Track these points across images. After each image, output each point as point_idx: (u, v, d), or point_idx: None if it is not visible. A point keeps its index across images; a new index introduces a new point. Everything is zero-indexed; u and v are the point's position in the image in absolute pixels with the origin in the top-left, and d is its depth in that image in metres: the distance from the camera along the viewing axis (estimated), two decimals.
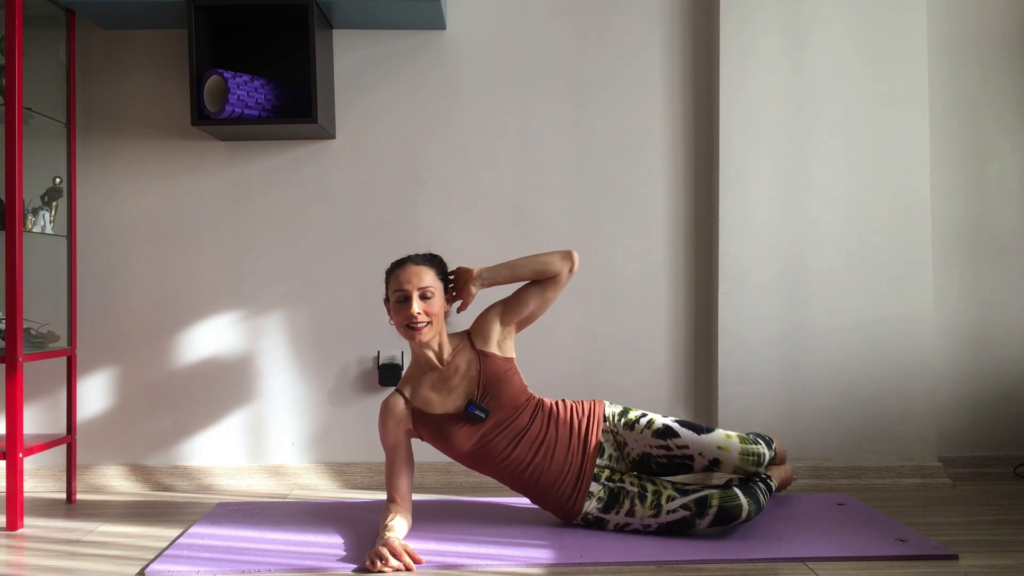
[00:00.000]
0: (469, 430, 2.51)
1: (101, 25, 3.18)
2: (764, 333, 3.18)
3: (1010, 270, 3.35)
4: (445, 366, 2.55)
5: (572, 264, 2.55)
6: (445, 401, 2.54)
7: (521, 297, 2.59)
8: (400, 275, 2.50)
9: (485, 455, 2.54)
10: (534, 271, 2.55)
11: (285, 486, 3.22)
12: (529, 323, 2.62)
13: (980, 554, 2.32)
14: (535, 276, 2.56)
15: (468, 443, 2.52)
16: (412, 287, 2.47)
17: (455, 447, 2.53)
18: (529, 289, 2.58)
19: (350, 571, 2.23)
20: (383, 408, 2.56)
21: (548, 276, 2.55)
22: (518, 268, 2.56)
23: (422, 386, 2.56)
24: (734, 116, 3.19)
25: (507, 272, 2.57)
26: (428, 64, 3.27)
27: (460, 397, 2.53)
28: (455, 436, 2.52)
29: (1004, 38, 3.35)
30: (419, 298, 2.47)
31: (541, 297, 2.58)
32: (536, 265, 2.55)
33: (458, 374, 2.55)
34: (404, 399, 2.56)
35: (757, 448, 2.51)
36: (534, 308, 2.59)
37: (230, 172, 3.26)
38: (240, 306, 3.25)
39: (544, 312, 2.61)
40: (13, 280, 2.72)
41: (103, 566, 2.32)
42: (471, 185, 3.27)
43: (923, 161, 3.20)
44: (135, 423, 3.24)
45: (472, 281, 2.56)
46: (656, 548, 2.37)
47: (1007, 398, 3.34)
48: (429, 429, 2.55)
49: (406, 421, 2.55)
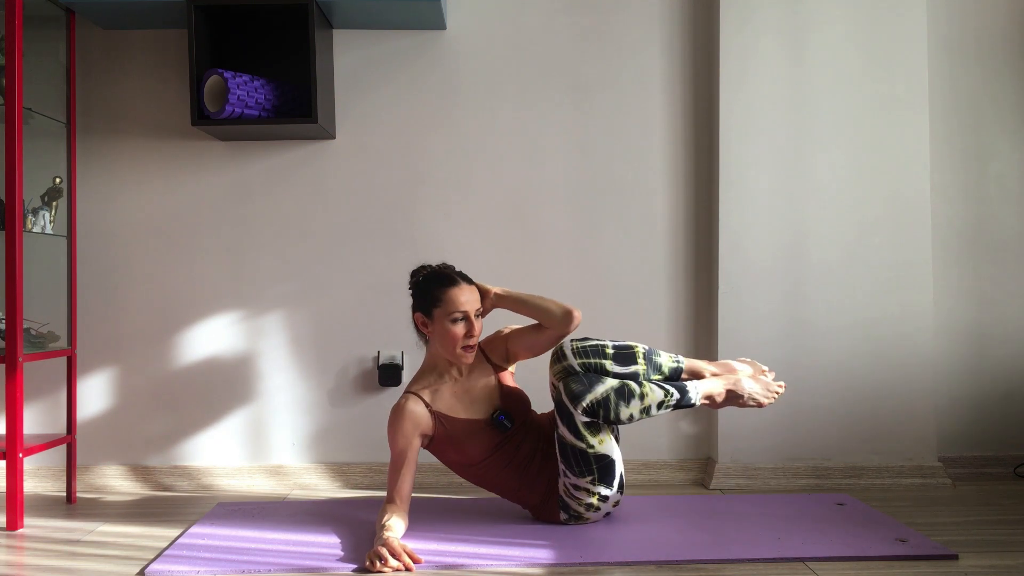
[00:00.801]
0: (489, 437, 2.58)
1: (101, 25, 3.18)
2: (764, 333, 3.18)
3: (1010, 270, 3.35)
4: (465, 377, 2.65)
5: (569, 326, 2.61)
6: (468, 408, 2.61)
7: (522, 338, 2.69)
8: (460, 295, 2.57)
9: (493, 464, 2.60)
10: (536, 313, 2.64)
11: (285, 486, 3.23)
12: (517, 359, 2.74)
13: (980, 554, 2.32)
14: (535, 317, 2.65)
15: (484, 451, 2.58)
16: (471, 308, 2.57)
17: (471, 454, 2.59)
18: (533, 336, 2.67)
19: (350, 571, 2.23)
20: (401, 411, 2.56)
21: (545, 325, 2.63)
22: (523, 304, 2.66)
23: (442, 393, 2.62)
24: (734, 116, 3.19)
25: (513, 303, 2.68)
26: (428, 64, 3.27)
27: (483, 406, 2.62)
28: (474, 442, 2.58)
29: (1004, 38, 3.35)
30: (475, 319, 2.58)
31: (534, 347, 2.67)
32: (539, 310, 2.64)
33: (478, 385, 2.64)
34: (424, 403, 2.58)
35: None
36: (523, 350, 2.69)
37: (230, 172, 3.26)
38: (240, 306, 3.25)
39: (529, 358, 2.73)
40: (13, 280, 2.72)
41: (103, 566, 2.32)
42: (471, 185, 3.27)
43: (923, 161, 3.20)
44: (135, 423, 3.24)
45: (488, 297, 2.68)
46: (656, 548, 2.37)
47: (1007, 398, 3.34)
48: (448, 434, 2.58)
49: (425, 426, 2.57)
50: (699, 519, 2.70)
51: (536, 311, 2.64)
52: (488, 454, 2.59)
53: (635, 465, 3.23)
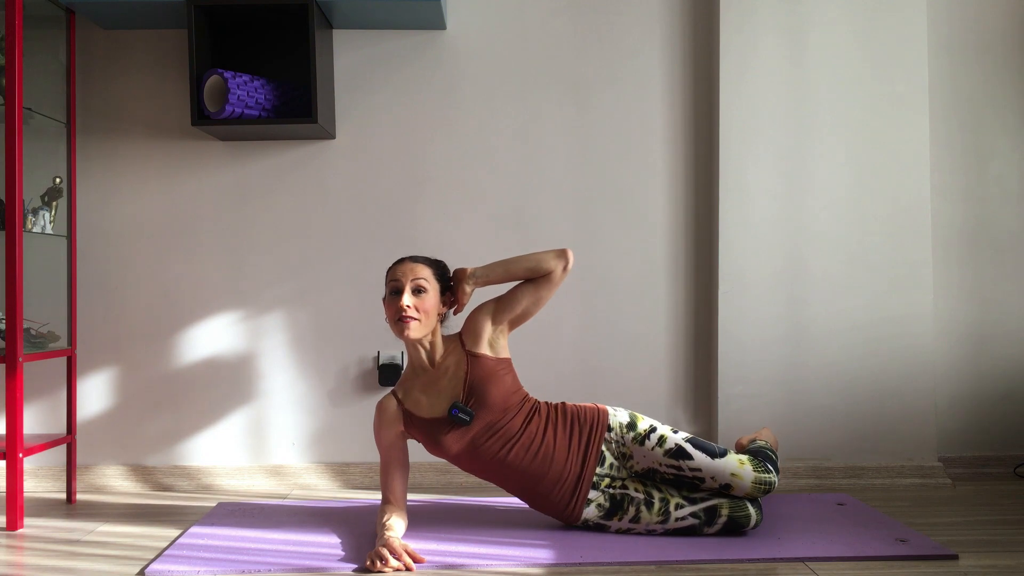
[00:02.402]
0: (457, 433, 2.49)
1: (101, 25, 3.18)
2: (764, 333, 3.18)
3: (1010, 270, 3.35)
4: (436, 367, 2.54)
5: (566, 262, 2.53)
6: (433, 404, 2.52)
7: (514, 295, 2.57)
8: (396, 269, 2.51)
9: (476, 458, 2.52)
10: (528, 269, 2.54)
11: (285, 486, 3.23)
12: (522, 322, 2.60)
13: (980, 554, 2.32)
14: (528, 274, 2.54)
15: (457, 446, 2.50)
16: (406, 280, 2.47)
17: (445, 450, 2.52)
18: (522, 287, 2.56)
19: (350, 571, 2.23)
20: (376, 409, 2.56)
21: (541, 274, 2.53)
22: (511, 266, 2.55)
23: (414, 388, 2.55)
24: (734, 116, 3.19)
25: (500, 271, 2.56)
26: (428, 64, 3.27)
27: (447, 399, 2.51)
28: (444, 439, 2.50)
29: (1004, 38, 3.35)
30: (411, 292, 2.47)
31: (534, 295, 2.55)
32: (529, 263, 2.54)
33: (446, 376, 2.53)
34: (397, 400, 2.56)
35: (769, 477, 2.47)
36: (527, 306, 2.56)
37: (230, 172, 3.26)
38: (240, 306, 3.25)
39: (537, 311, 2.59)
40: (13, 280, 2.72)
41: (103, 566, 2.32)
42: (471, 185, 3.27)
43: (923, 161, 3.20)
44: (135, 423, 3.24)
45: (466, 280, 2.55)
46: (656, 548, 2.37)
47: (1007, 398, 3.34)
48: (419, 432, 2.54)
49: (397, 423, 2.54)
50: None
51: (528, 267, 2.53)
52: (467, 447, 2.50)
53: None
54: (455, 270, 2.59)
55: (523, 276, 2.55)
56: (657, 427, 2.54)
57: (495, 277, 2.56)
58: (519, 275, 2.55)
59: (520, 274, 2.55)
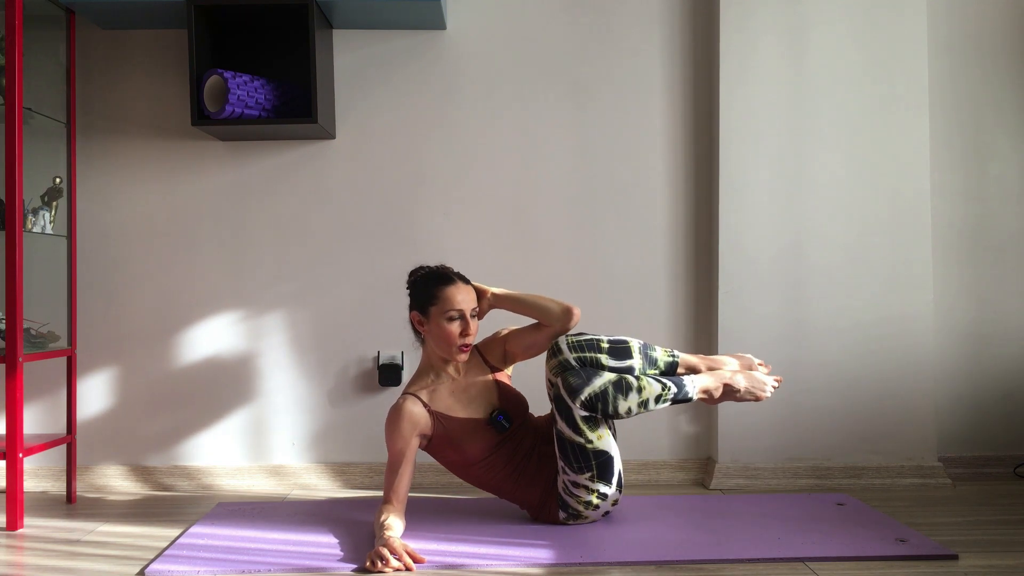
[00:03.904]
0: (488, 437, 2.58)
1: (101, 25, 3.18)
2: (764, 333, 3.18)
3: (1010, 270, 3.35)
4: (462, 376, 2.66)
5: (569, 323, 2.62)
6: (467, 408, 2.61)
7: (522, 335, 2.69)
8: (456, 293, 2.58)
9: (492, 464, 2.60)
10: (534, 311, 2.65)
11: (285, 486, 3.23)
12: (515, 361, 2.75)
13: (980, 554, 2.32)
14: (534, 316, 2.66)
15: (483, 450, 2.58)
16: (467, 308, 2.57)
17: (470, 454, 2.58)
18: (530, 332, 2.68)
19: (350, 571, 2.23)
20: (399, 412, 2.56)
21: (544, 323, 2.64)
22: (521, 303, 2.68)
23: (440, 393, 2.62)
24: (734, 116, 3.19)
25: (510, 303, 2.69)
26: (428, 64, 3.27)
27: (481, 406, 2.62)
28: (473, 442, 2.57)
29: (1004, 38, 3.35)
30: (471, 318, 2.58)
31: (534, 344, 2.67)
32: (536, 309, 2.65)
33: (475, 385, 2.65)
34: (423, 403, 2.58)
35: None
36: (522, 350, 2.70)
37: (230, 172, 3.26)
38: (240, 306, 3.25)
39: (527, 358, 2.73)
40: (13, 280, 2.72)
41: (103, 566, 2.32)
42: (471, 185, 3.27)
43: (923, 161, 3.20)
44: (135, 423, 3.24)
45: (485, 300, 2.69)
46: (656, 548, 2.37)
47: (1007, 398, 3.34)
48: (447, 434, 2.58)
49: (424, 426, 2.57)
50: (699, 519, 2.70)
51: (535, 310, 2.65)
52: (487, 454, 2.59)
53: (635, 465, 3.23)
54: (477, 286, 2.70)
55: (528, 315, 2.67)
56: None
57: (505, 306, 2.70)
58: (526, 313, 2.68)
59: (527, 313, 2.67)
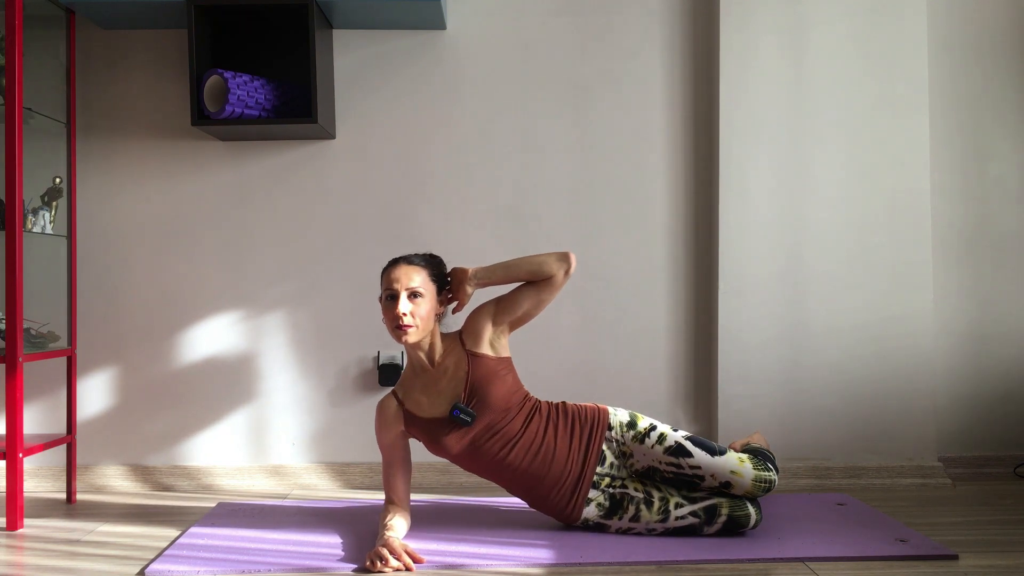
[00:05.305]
0: (458, 433, 2.49)
1: (101, 25, 3.18)
2: (764, 333, 3.18)
3: (1010, 270, 3.35)
4: (436, 367, 2.52)
5: (568, 266, 2.51)
6: (434, 404, 2.51)
7: (515, 297, 2.55)
8: (391, 273, 2.48)
9: (477, 458, 2.52)
10: (529, 272, 2.52)
11: (285, 486, 3.23)
12: (522, 323, 2.58)
13: (980, 554, 2.32)
14: (530, 277, 2.52)
15: (457, 446, 2.50)
16: (401, 287, 2.44)
17: (446, 450, 2.51)
18: (524, 289, 2.54)
19: (350, 571, 2.23)
20: (377, 409, 2.56)
21: (543, 277, 2.51)
22: (513, 268, 2.53)
23: (414, 388, 2.54)
24: (734, 116, 3.19)
25: (501, 273, 2.54)
26: (428, 64, 3.27)
27: (448, 400, 2.50)
28: (445, 440, 2.49)
29: (1004, 38, 3.35)
30: (407, 298, 2.44)
31: (536, 298, 2.54)
32: (531, 266, 2.52)
33: (447, 376, 2.51)
34: (397, 400, 2.55)
35: (769, 475, 2.47)
36: (528, 308, 2.55)
37: (230, 172, 3.26)
38: (240, 306, 3.25)
39: (538, 313, 2.58)
40: (13, 280, 2.72)
41: (103, 566, 2.32)
42: (471, 185, 3.27)
43: (923, 161, 3.20)
44: (135, 423, 3.24)
45: (467, 281, 2.53)
46: (656, 548, 2.37)
47: (1007, 398, 3.34)
48: (420, 432, 2.53)
49: (398, 423, 2.53)
50: None
51: (528, 270, 2.51)
52: (464, 449, 2.50)
53: None
54: (454, 269, 2.57)
55: (524, 278, 2.53)
56: (657, 426, 2.54)
57: (496, 279, 2.54)
58: (520, 277, 2.53)
59: (521, 276, 2.53)
